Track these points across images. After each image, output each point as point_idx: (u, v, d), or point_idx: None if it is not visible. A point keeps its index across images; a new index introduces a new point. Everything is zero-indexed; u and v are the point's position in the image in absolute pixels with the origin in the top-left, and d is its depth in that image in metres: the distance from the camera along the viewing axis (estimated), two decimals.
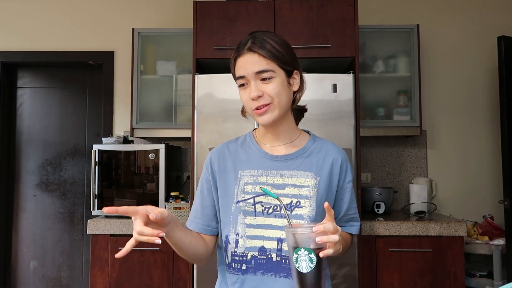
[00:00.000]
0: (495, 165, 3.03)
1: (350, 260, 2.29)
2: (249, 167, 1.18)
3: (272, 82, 1.12)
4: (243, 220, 1.14)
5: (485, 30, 3.10)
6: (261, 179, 1.16)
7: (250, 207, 1.14)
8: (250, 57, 1.13)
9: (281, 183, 1.16)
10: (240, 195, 1.15)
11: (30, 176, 3.29)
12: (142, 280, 2.45)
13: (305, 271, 0.94)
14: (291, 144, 1.21)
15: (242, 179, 1.17)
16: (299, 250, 0.95)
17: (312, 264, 0.94)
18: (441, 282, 2.37)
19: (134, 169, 2.66)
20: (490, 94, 3.08)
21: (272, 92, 1.12)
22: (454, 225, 2.38)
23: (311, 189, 1.15)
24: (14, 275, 3.25)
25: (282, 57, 1.14)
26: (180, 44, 2.86)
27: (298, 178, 1.16)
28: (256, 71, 1.12)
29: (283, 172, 1.16)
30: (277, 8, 2.48)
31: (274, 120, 1.14)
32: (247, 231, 1.14)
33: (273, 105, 1.13)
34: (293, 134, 1.22)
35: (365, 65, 2.87)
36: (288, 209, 1.13)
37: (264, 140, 1.22)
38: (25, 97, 3.33)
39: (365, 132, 2.75)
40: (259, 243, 1.13)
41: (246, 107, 1.17)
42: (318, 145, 1.22)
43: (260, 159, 1.19)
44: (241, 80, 1.15)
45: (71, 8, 3.24)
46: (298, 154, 1.19)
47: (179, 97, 2.86)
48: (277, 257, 1.12)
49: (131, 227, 2.45)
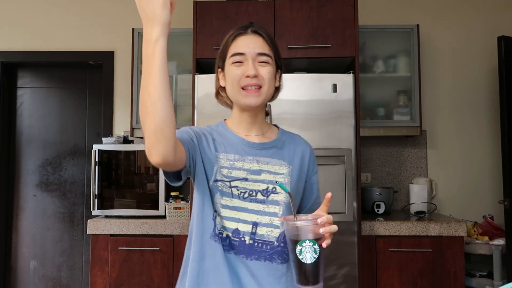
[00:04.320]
0: (495, 165, 3.03)
1: (350, 260, 2.29)
2: (225, 151, 1.19)
3: (268, 67, 1.18)
4: (219, 200, 1.15)
5: (485, 30, 3.10)
6: (237, 164, 1.17)
7: (227, 189, 1.15)
8: (255, 38, 1.19)
9: (257, 168, 1.18)
10: (218, 175, 1.16)
11: (30, 176, 3.29)
12: (142, 280, 2.45)
13: (309, 262, 0.98)
14: (263, 135, 1.24)
15: (218, 162, 1.17)
16: (303, 242, 0.98)
17: (316, 254, 0.98)
18: (441, 282, 2.37)
19: (134, 169, 2.66)
20: (490, 94, 3.08)
21: (266, 76, 1.17)
22: (454, 225, 2.38)
23: (285, 176, 1.20)
24: (14, 275, 3.25)
25: (277, 50, 1.23)
26: (180, 44, 2.86)
27: (273, 165, 1.20)
28: (258, 52, 1.17)
29: (259, 159, 1.19)
30: (277, 8, 2.48)
31: (257, 104, 1.17)
32: (223, 212, 1.15)
33: (262, 90, 1.17)
34: (264, 127, 1.26)
35: (365, 65, 2.87)
36: (264, 195, 1.16)
37: (238, 129, 1.24)
38: (25, 97, 3.33)
39: (365, 132, 2.75)
40: (234, 225, 1.15)
41: (233, 84, 1.17)
42: (288, 137, 1.28)
43: (237, 144, 1.20)
44: (238, 57, 1.17)
45: (71, 8, 3.24)
46: (273, 144, 1.23)
47: (179, 97, 2.87)
48: (250, 240, 1.14)
49: (131, 227, 2.45)
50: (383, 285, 2.39)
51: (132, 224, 2.47)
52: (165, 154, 0.98)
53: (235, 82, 1.17)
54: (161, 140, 0.96)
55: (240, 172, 1.16)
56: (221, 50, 1.23)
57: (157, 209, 2.60)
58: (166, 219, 2.52)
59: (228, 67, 1.19)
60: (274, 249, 1.15)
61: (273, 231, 1.15)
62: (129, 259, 2.45)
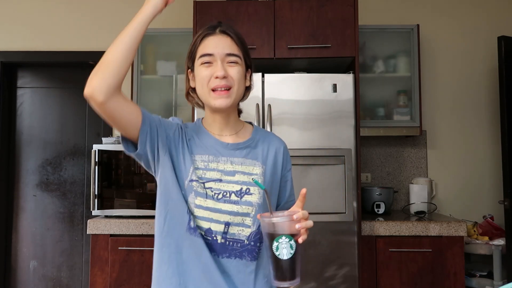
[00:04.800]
0: (495, 165, 3.03)
1: (350, 260, 2.29)
2: (201, 152, 1.20)
3: (237, 67, 1.18)
4: (193, 200, 1.15)
5: (485, 30, 3.10)
6: (211, 165, 1.18)
7: (202, 189, 1.15)
8: (223, 39, 1.19)
9: (231, 169, 1.19)
10: (193, 175, 1.16)
11: (30, 176, 3.29)
12: (142, 280, 2.45)
13: (285, 258, 0.99)
14: (236, 135, 1.25)
15: (194, 163, 1.18)
16: (280, 238, 0.99)
17: (292, 250, 0.99)
18: (441, 282, 2.37)
19: (134, 169, 2.66)
20: (490, 94, 3.08)
21: (236, 76, 1.17)
22: (454, 225, 2.38)
23: (259, 177, 1.20)
24: (14, 275, 3.25)
25: (246, 50, 1.23)
26: (180, 44, 2.86)
27: (247, 166, 1.20)
28: (227, 53, 1.17)
29: (233, 160, 1.20)
30: (277, 8, 2.48)
31: (228, 105, 1.17)
32: (196, 211, 1.15)
33: (232, 91, 1.17)
34: (238, 126, 1.26)
35: (365, 65, 2.87)
36: (238, 196, 1.16)
37: (212, 129, 1.24)
38: (25, 97, 3.33)
39: (365, 132, 2.75)
40: (207, 225, 1.15)
41: (203, 86, 1.18)
42: (262, 136, 1.27)
43: (212, 146, 1.21)
44: (207, 58, 1.17)
45: (71, 8, 3.24)
46: (247, 144, 1.23)
47: (179, 97, 2.86)
48: (222, 239, 1.15)
49: (131, 227, 2.45)
50: (383, 285, 2.39)
51: (132, 224, 2.47)
52: (97, 88, 1.13)
53: (204, 84, 1.17)
54: (101, 73, 1.13)
55: (214, 173, 1.17)
56: (189, 51, 1.23)
57: None
58: None
59: (197, 68, 1.19)
60: (244, 247, 1.16)
61: (244, 230, 1.16)
62: (129, 259, 2.45)
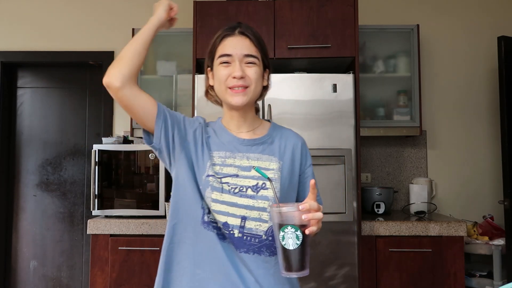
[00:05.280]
0: (495, 165, 3.03)
1: (350, 260, 2.29)
2: (218, 148, 1.23)
3: (255, 67, 1.21)
4: (209, 194, 1.17)
5: (485, 30, 3.10)
6: (228, 160, 1.21)
7: (218, 184, 1.18)
8: (242, 40, 1.22)
9: (247, 165, 1.21)
10: (211, 171, 1.20)
11: (30, 176, 3.29)
12: (142, 280, 2.45)
13: (291, 248, 0.99)
14: (253, 132, 1.27)
15: (211, 159, 1.22)
16: (285, 228, 0.99)
17: (298, 241, 0.99)
18: (441, 282, 2.37)
19: (134, 169, 2.66)
20: (490, 94, 3.08)
21: (253, 76, 1.20)
22: (454, 225, 2.38)
23: (275, 172, 1.21)
24: (14, 275, 3.25)
25: (265, 50, 1.26)
26: (180, 44, 2.86)
27: (263, 161, 1.22)
28: (245, 54, 1.20)
29: (249, 155, 1.23)
30: (277, 8, 2.48)
31: (244, 103, 1.20)
32: (213, 205, 1.17)
33: (249, 90, 1.20)
34: (255, 123, 1.29)
35: (365, 65, 2.87)
36: (254, 190, 1.18)
37: (229, 126, 1.28)
38: (25, 97, 3.33)
39: (365, 132, 2.75)
40: (223, 218, 1.17)
41: (221, 84, 1.21)
42: (279, 132, 1.29)
43: (229, 142, 1.25)
44: (225, 58, 1.21)
45: (71, 8, 3.24)
46: (263, 139, 1.26)
47: (179, 97, 2.86)
48: (239, 233, 1.17)
49: (131, 227, 2.45)
50: (383, 285, 2.39)
51: (132, 224, 2.47)
52: (113, 76, 1.20)
53: (222, 82, 1.21)
54: (117, 64, 1.22)
55: (231, 168, 1.20)
56: (209, 50, 1.27)
57: (157, 209, 2.59)
58: (166, 219, 2.52)
59: (216, 67, 1.23)
60: (262, 242, 1.17)
61: (261, 225, 1.17)
62: (129, 259, 2.45)
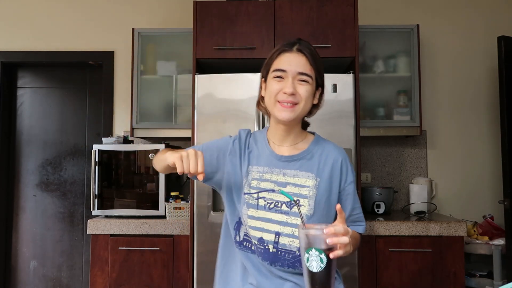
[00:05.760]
0: (495, 165, 3.03)
1: (350, 260, 2.29)
2: (257, 163, 1.27)
3: (306, 86, 1.22)
4: (246, 211, 1.23)
5: (485, 30, 3.10)
6: (266, 176, 1.25)
7: (253, 201, 1.23)
8: (298, 57, 1.23)
9: (283, 181, 1.23)
10: (246, 188, 1.24)
11: (30, 176, 3.29)
12: (142, 280, 2.45)
13: (315, 271, 0.98)
14: (295, 146, 1.28)
15: (250, 174, 1.26)
16: (310, 250, 0.99)
17: (322, 264, 0.98)
18: (441, 282, 2.37)
19: (134, 169, 2.66)
20: (490, 94, 3.08)
21: (304, 95, 1.21)
22: (454, 225, 2.38)
23: (311, 189, 1.22)
24: (14, 275, 3.25)
25: (320, 69, 1.26)
26: (180, 44, 2.86)
27: (300, 178, 1.23)
28: (299, 71, 1.21)
29: (286, 171, 1.25)
30: (277, 8, 2.48)
31: (291, 119, 1.22)
32: (249, 222, 1.22)
33: (297, 107, 1.21)
34: (299, 138, 1.30)
35: (365, 65, 2.87)
36: (288, 207, 1.21)
37: (273, 139, 1.30)
38: (25, 97, 3.33)
39: (365, 132, 2.75)
40: (259, 234, 1.21)
41: (271, 97, 1.23)
42: (320, 148, 1.29)
43: (268, 157, 1.27)
44: (279, 73, 1.22)
45: (71, 8, 3.24)
46: (301, 155, 1.26)
47: (179, 97, 2.86)
48: (273, 249, 1.20)
49: (131, 227, 2.45)
50: (383, 285, 2.39)
51: (132, 224, 2.47)
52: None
53: (272, 96, 1.23)
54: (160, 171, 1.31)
55: (268, 183, 1.24)
56: (266, 62, 1.29)
57: (157, 209, 2.60)
58: (166, 219, 2.52)
59: (269, 80, 1.25)
60: (296, 258, 1.21)
61: (294, 241, 1.20)
62: (129, 259, 2.45)
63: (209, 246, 2.30)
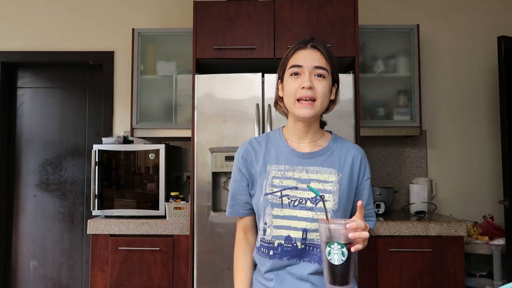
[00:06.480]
0: (495, 165, 3.03)
1: None
2: (277, 162, 1.28)
3: (323, 81, 1.24)
4: (270, 212, 1.23)
5: (485, 30, 3.10)
6: (288, 173, 1.25)
7: (277, 200, 1.23)
8: (313, 52, 1.25)
9: (307, 178, 1.24)
10: (268, 188, 1.25)
11: (30, 176, 3.29)
12: (142, 280, 2.45)
13: (337, 263, 1.04)
14: (315, 143, 1.30)
15: (270, 173, 1.26)
16: (332, 244, 1.04)
17: (344, 257, 1.04)
18: (441, 282, 2.37)
19: (134, 169, 2.66)
20: (490, 94, 3.08)
21: (321, 90, 1.23)
22: (454, 225, 2.38)
23: (334, 184, 1.24)
24: (14, 275, 3.25)
25: (335, 65, 1.28)
26: (180, 44, 2.86)
27: (322, 174, 1.25)
28: (315, 65, 1.23)
29: (308, 168, 1.26)
30: (277, 8, 2.48)
31: (310, 116, 1.23)
32: (274, 221, 1.23)
33: (316, 103, 1.23)
34: (317, 135, 1.32)
35: (365, 65, 2.87)
36: (313, 202, 1.22)
37: (292, 137, 1.32)
38: (25, 97, 3.33)
39: (365, 132, 2.75)
40: (285, 233, 1.22)
41: (290, 96, 1.25)
42: (339, 144, 1.32)
43: (287, 155, 1.28)
44: (295, 69, 1.24)
45: (71, 8, 3.24)
46: (322, 152, 1.28)
47: (179, 97, 2.86)
48: (301, 245, 1.22)
49: (131, 227, 2.46)
50: (383, 285, 2.39)
51: (132, 224, 2.47)
52: None
53: (291, 95, 1.24)
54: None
55: (290, 181, 1.24)
56: (281, 62, 1.31)
57: (157, 209, 2.60)
58: (166, 219, 2.53)
59: (286, 79, 1.27)
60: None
61: None
62: (129, 259, 2.45)
63: (209, 246, 2.30)
